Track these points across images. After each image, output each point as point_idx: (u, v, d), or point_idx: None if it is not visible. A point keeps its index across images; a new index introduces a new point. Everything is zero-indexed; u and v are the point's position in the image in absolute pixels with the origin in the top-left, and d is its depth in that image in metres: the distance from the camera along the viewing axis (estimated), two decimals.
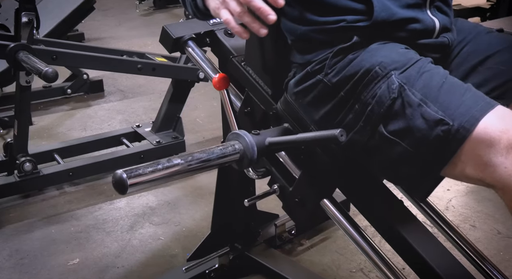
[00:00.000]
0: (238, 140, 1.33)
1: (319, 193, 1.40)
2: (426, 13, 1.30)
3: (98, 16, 5.83)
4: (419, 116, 1.13)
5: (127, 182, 1.15)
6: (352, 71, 1.23)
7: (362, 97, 1.21)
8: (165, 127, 3.07)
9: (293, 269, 2.00)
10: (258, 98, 1.51)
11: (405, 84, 1.16)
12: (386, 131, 1.18)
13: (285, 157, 1.46)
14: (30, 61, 2.37)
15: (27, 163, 2.61)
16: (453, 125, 1.09)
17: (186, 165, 1.22)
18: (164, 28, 1.77)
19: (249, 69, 1.54)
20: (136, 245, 2.30)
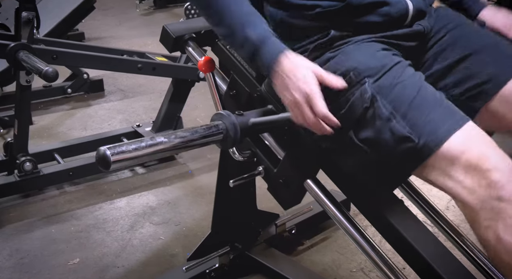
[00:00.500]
0: (222, 120, 1.34)
1: (303, 174, 1.42)
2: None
3: (98, 16, 5.82)
4: (387, 130, 1.16)
5: (110, 158, 1.15)
6: (328, 71, 1.24)
7: (336, 99, 1.23)
8: (166, 127, 3.07)
9: (294, 269, 2.00)
10: (243, 81, 1.52)
11: (377, 94, 1.18)
12: (356, 138, 1.21)
13: (269, 138, 1.48)
14: (30, 60, 2.36)
15: (27, 162, 2.61)
16: (418, 144, 1.13)
17: (169, 143, 1.23)
18: (165, 27, 1.77)
19: (234, 52, 1.55)
20: (136, 244, 2.30)
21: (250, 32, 1.25)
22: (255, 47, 1.25)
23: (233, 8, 1.27)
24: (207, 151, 3.09)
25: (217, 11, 1.29)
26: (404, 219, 1.39)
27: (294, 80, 1.20)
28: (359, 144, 1.21)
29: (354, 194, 1.45)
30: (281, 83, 1.23)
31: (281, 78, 1.23)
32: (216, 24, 1.32)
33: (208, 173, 2.84)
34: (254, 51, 1.26)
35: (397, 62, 1.24)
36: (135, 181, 2.85)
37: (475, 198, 1.08)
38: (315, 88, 1.19)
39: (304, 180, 1.42)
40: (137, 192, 2.73)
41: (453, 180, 1.11)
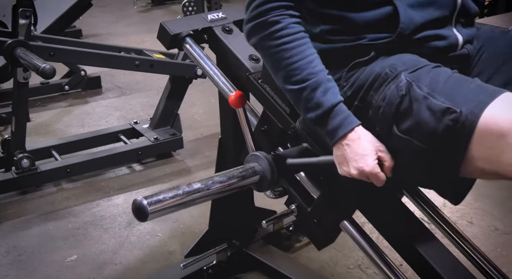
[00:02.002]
0: (258, 162, 1.32)
1: (339, 214, 1.38)
2: (451, 30, 1.28)
3: (95, 13, 5.81)
4: (425, 109, 1.12)
5: (147, 209, 1.13)
6: (364, 78, 1.24)
7: (374, 101, 1.21)
8: (163, 124, 3.07)
9: (291, 266, 2.00)
10: (276, 117, 1.47)
11: (413, 81, 1.15)
12: (398, 131, 1.17)
13: (303, 177, 1.42)
14: (28, 57, 2.36)
15: (25, 159, 2.61)
16: (461, 112, 1.06)
17: (206, 190, 1.23)
18: (162, 24, 1.77)
19: (266, 86, 1.50)
20: (134, 241, 2.30)
21: (324, 99, 1.22)
22: (326, 114, 1.22)
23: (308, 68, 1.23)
24: (205, 147, 3.10)
25: (289, 66, 1.25)
26: (401, 216, 1.39)
27: (356, 158, 1.20)
28: (403, 136, 1.16)
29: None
30: (342, 157, 1.23)
31: (343, 151, 1.22)
32: (285, 81, 1.27)
33: (206, 170, 2.84)
34: (323, 118, 1.23)
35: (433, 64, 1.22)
36: (132, 178, 2.85)
37: None
38: (374, 167, 1.19)
39: (341, 220, 1.37)
40: (134, 189, 2.73)
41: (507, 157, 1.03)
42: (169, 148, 3.04)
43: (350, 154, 1.21)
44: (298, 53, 1.24)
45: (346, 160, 1.22)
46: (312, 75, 1.23)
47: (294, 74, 1.24)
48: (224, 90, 1.64)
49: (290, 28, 1.25)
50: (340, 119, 1.21)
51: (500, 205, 2.44)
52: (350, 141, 1.21)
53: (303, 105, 1.26)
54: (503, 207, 2.42)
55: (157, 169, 2.93)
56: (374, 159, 1.19)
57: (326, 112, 1.22)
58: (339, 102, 1.22)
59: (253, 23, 1.28)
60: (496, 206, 2.44)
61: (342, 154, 1.22)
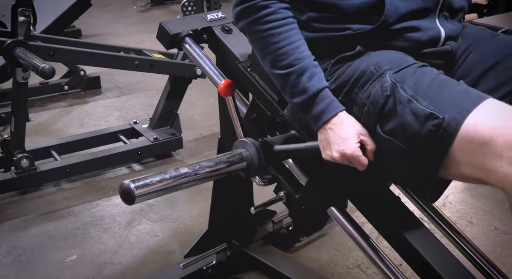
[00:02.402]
0: (245, 148, 1.33)
1: (327, 201, 1.39)
2: (435, 22, 1.29)
3: (95, 13, 5.81)
4: (409, 112, 1.13)
5: (134, 192, 1.14)
6: (349, 74, 1.25)
7: (358, 99, 1.23)
8: (163, 124, 3.07)
9: (291, 266, 2.00)
10: (265, 105, 1.49)
11: (397, 82, 1.16)
12: (382, 131, 1.18)
13: (291, 163, 1.44)
14: (27, 57, 2.36)
15: (24, 159, 2.61)
16: (443, 119, 1.08)
17: (193, 174, 1.23)
18: (161, 24, 1.77)
19: (255, 75, 1.52)
20: (133, 241, 2.30)
21: (310, 85, 1.24)
22: (309, 99, 1.24)
23: (295, 53, 1.25)
24: (204, 147, 3.10)
25: (276, 51, 1.26)
26: (400, 216, 1.39)
27: (338, 141, 1.22)
28: (385, 136, 1.18)
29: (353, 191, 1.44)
30: (325, 140, 1.25)
31: (326, 135, 1.24)
32: (272, 65, 1.28)
33: None
34: (307, 102, 1.24)
35: (417, 61, 1.23)
36: (132, 178, 2.84)
37: None
38: (355, 150, 1.20)
39: (328, 207, 1.38)
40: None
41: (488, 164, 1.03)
42: (169, 148, 3.04)
43: (332, 137, 1.23)
44: (285, 38, 1.26)
45: (329, 144, 1.23)
46: (298, 60, 1.25)
47: (281, 59, 1.26)
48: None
49: (279, 13, 1.26)
50: (325, 104, 1.23)
51: (500, 205, 2.43)
52: (333, 125, 1.23)
53: (289, 90, 1.27)
54: (503, 207, 2.42)
55: (156, 169, 2.93)
56: (356, 142, 1.21)
57: (311, 97, 1.24)
58: (324, 88, 1.24)
59: (242, 7, 1.29)
60: (496, 206, 2.43)
61: (325, 138, 1.24)
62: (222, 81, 1.55)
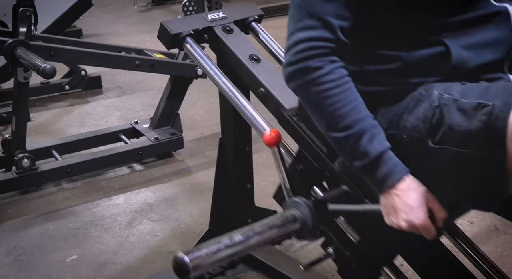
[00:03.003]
0: (298, 209, 1.29)
1: (379, 260, 1.34)
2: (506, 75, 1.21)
3: (96, 13, 5.80)
4: (456, 111, 1.08)
5: (189, 266, 1.09)
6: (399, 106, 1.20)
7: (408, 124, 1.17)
8: (163, 124, 3.07)
9: (291, 266, 2.00)
10: (313, 157, 1.41)
11: (444, 91, 1.13)
12: (433, 144, 1.13)
13: (342, 219, 1.37)
14: (28, 57, 2.36)
15: (25, 159, 2.61)
16: (493, 106, 1.03)
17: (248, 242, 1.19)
18: (162, 24, 1.77)
19: (302, 125, 1.42)
20: (134, 241, 2.30)
21: (370, 147, 1.16)
22: (373, 163, 1.17)
23: (350, 111, 1.17)
24: (205, 147, 3.09)
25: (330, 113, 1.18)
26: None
27: (405, 209, 1.16)
28: (439, 146, 1.11)
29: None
30: (390, 207, 1.18)
31: (392, 201, 1.17)
32: (328, 128, 1.20)
33: (206, 169, 2.84)
34: (369, 166, 1.17)
35: None
36: (133, 178, 2.84)
37: None
38: (424, 220, 1.15)
39: (381, 266, 1.34)
40: (135, 189, 2.73)
41: None
42: (170, 148, 3.04)
43: (399, 205, 1.16)
44: (341, 100, 1.17)
45: (395, 211, 1.17)
46: (356, 122, 1.17)
47: (338, 121, 1.17)
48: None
49: (333, 73, 1.17)
50: (388, 168, 1.16)
51: None
52: (399, 191, 1.16)
53: (348, 153, 1.20)
54: None
55: (157, 168, 2.93)
56: (425, 212, 1.15)
57: (373, 160, 1.16)
58: (387, 150, 1.17)
59: (293, 68, 1.20)
60: None
61: (390, 204, 1.18)
62: (267, 130, 1.48)
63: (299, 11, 1.19)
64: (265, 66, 1.75)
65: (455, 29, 1.16)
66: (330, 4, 1.15)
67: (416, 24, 1.18)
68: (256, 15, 1.94)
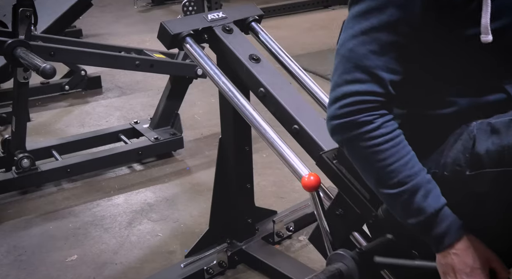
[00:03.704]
0: (343, 262, 1.25)
1: None
2: None
3: (96, 13, 5.81)
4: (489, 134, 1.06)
5: None
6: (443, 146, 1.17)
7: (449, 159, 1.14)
8: (163, 124, 3.07)
9: (291, 266, 2.00)
10: (354, 202, 1.34)
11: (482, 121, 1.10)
12: (469, 172, 1.10)
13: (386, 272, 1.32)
14: (28, 57, 2.36)
15: (25, 159, 2.61)
16: None
17: None
18: (162, 24, 1.77)
19: (342, 168, 1.36)
20: (134, 241, 2.30)
21: (426, 204, 1.11)
22: (429, 221, 1.12)
23: (406, 171, 1.12)
24: (205, 147, 3.10)
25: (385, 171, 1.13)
26: None
27: (466, 271, 1.11)
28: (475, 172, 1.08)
29: None
30: (448, 266, 1.14)
31: (451, 261, 1.13)
32: (379, 184, 1.16)
33: (206, 169, 2.84)
34: (426, 224, 1.13)
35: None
36: (133, 178, 2.84)
37: None
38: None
39: None
40: (135, 189, 2.73)
41: None
42: (170, 148, 3.04)
43: (459, 265, 1.12)
44: (392, 155, 1.12)
45: (454, 272, 1.13)
46: (410, 177, 1.12)
47: (390, 177, 1.13)
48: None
49: (383, 127, 1.12)
50: (446, 226, 1.12)
51: None
52: (458, 251, 1.12)
53: (401, 210, 1.15)
54: None
55: (157, 168, 2.93)
56: (487, 273, 1.11)
57: (429, 218, 1.12)
58: (443, 206, 1.12)
59: (340, 122, 1.14)
60: None
61: (449, 264, 1.13)
62: (306, 174, 1.41)
63: (346, 63, 1.14)
64: (265, 66, 1.76)
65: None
66: (380, 58, 1.11)
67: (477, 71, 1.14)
68: (256, 15, 1.94)
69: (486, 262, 1.12)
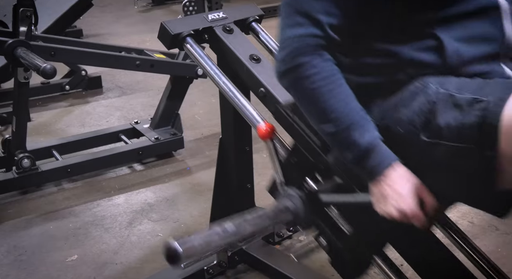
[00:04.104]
0: (291, 200, 1.30)
1: (371, 250, 1.35)
2: (500, 66, 1.20)
3: (96, 13, 5.81)
4: (451, 106, 1.09)
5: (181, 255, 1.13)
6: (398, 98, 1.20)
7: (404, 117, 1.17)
8: (164, 124, 3.07)
9: (291, 266, 2.00)
10: (307, 150, 1.42)
11: (441, 85, 1.13)
12: (426, 138, 1.13)
13: (335, 211, 1.38)
14: (28, 57, 2.36)
15: (26, 159, 2.61)
16: (488, 101, 1.03)
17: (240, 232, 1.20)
18: (163, 24, 1.77)
19: (296, 118, 1.43)
20: (134, 241, 2.30)
21: (359, 137, 1.17)
22: (362, 153, 1.18)
23: (340, 105, 1.18)
24: (205, 147, 3.10)
25: (322, 107, 1.19)
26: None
27: (395, 196, 1.16)
28: (431, 140, 1.12)
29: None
30: (380, 195, 1.19)
31: (382, 190, 1.18)
32: (319, 121, 1.22)
33: (207, 169, 2.84)
34: (360, 157, 1.19)
35: None
36: (133, 178, 2.85)
37: None
38: (414, 208, 1.15)
39: (373, 256, 1.35)
40: (135, 189, 2.73)
41: None
42: (170, 148, 3.04)
43: (389, 192, 1.17)
44: (332, 94, 1.18)
45: (384, 198, 1.18)
46: (346, 114, 1.18)
47: (328, 115, 1.19)
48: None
49: (322, 68, 1.18)
50: (378, 157, 1.17)
51: None
52: (389, 179, 1.17)
53: (339, 146, 1.22)
54: None
55: (157, 168, 2.93)
56: (415, 200, 1.16)
57: (364, 151, 1.17)
58: (376, 140, 1.18)
59: (284, 66, 1.21)
60: None
61: (380, 193, 1.19)
62: (261, 123, 1.49)
63: (288, 8, 1.20)
64: (265, 66, 1.75)
65: (448, 22, 1.17)
66: (319, 2, 1.17)
67: (409, 18, 1.18)
68: (256, 15, 1.94)
69: (415, 190, 1.16)
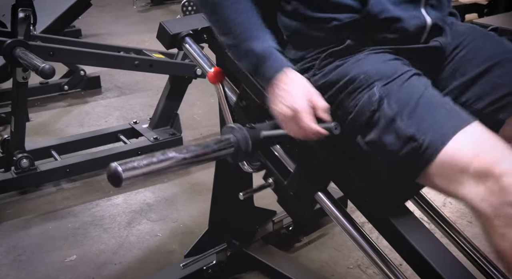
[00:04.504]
0: (233, 133, 1.33)
1: (314, 186, 1.41)
2: (420, 10, 1.29)
3: (95, 12, 5.80)
4: (392, 131, 1.14)
5: (122, 175, 1.16)
6: (338, 76, 1.26)
7: (344, 105, 1.24)
8: (163, 124, 3.07)
9: (291, 266, 2.00)
10: (254, 92, 1.48)
11: (385, 97, 1.17)
12: (363, 142, 1.20)
13: (280, 150, 1.45)
14: (27, 57, 2.36)
15: (24, 159, 2.61)
16: (422, 144, 1.10)
17: (181, 158, 1.25)
18: (161, 24, 1.77)
19: None
20: (133, 241, 2.30)
21: (255, 46, 1.26)
22: (258, 60, 1.27)
23: (240, 19, 1.27)
24: None
25: (224, 20, 1.29)
26: (401, 216, 1.39)
27: (286, 96, 1.23)
28: (366, 147, 1.20)
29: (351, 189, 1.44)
30: (274, 97, 1.26)
31: (275, 92, 1.25)
32: (222, 33, 1.32)
33: (205, 169, 2.84)
34: (256, 64, 1.27)
35: (407, 70, 1.23)
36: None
37: (488, 205, 1.02)
38: (304, 105, 1.20)
39: (315, 192, 1.40)
40: (134, 189, 2.72)
41: (463, 186, 1.05)
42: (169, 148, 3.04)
43: (280, 92, 1.24)
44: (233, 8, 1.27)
45: (276, 98, 1.25)
46: (246, 28, 1.27)
47: (229, 28, 1.28)
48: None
49: None
50: (272, 63, 1.25)
51: None
52: (281, 82, 1.24)
53: (239, 56, 1.31)
54: None
55: None
56: (306, 100, 1.21)
57: (259, 58, 1.26)
58: (271, 48, 1.26)
59: None
60: None
61: (274, 94, 1.25)
62: (211, 69, 1.57)
63: None
64: None
65: None
66: None
67: None
68: None
69: (306, 93, 1.22)
